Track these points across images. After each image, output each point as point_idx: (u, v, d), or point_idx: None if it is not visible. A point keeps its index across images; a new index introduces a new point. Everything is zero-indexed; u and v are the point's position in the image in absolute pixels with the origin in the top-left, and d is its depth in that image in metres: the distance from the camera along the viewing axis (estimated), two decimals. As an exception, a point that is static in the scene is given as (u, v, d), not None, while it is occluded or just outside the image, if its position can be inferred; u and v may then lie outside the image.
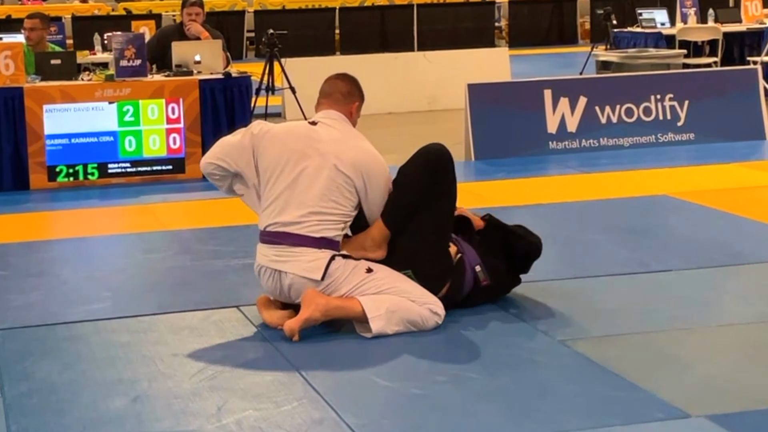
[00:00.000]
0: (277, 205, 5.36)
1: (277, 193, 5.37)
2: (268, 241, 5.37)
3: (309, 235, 5.30)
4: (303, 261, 5.28)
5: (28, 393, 4.63)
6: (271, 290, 5.42)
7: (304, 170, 5.36)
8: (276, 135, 5.49)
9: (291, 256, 5.30)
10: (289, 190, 5.35)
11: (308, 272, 5.26)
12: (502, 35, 23.71)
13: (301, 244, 5.29)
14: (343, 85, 5.68)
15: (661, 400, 4.40)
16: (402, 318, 5.24)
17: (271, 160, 5.42)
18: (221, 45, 10.07)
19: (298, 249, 5.29)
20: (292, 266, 5.29)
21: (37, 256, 7.03)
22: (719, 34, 15.16)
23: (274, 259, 5.33)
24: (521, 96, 10.30)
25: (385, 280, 5.32)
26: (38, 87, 9.20)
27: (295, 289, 5.32)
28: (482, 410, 4.36)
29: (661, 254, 6.66)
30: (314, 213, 5.31)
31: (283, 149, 5.42)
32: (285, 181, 5.37)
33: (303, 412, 4.38)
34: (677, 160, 9.87)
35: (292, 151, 5.41)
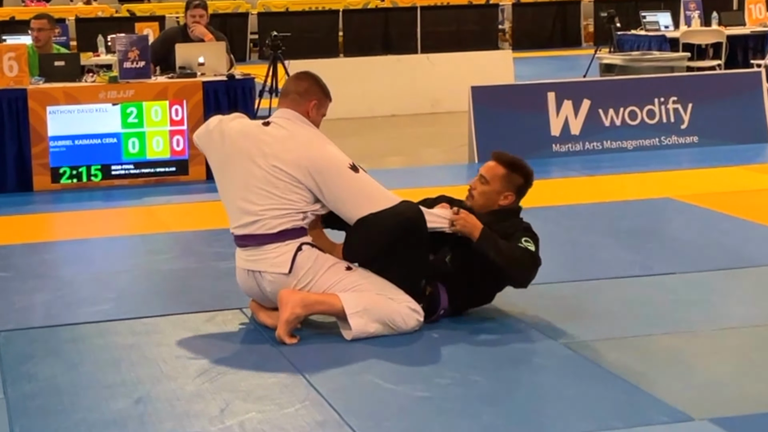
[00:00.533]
0: (232, 209, 5.43)
1: (229, 196, 5.43)
2: (239, 245, 5.44)
3: (268, 233, 5.30)
4: (270, 257, 5.30)
5: (32, 394, 4.64)
6: (253, 293, 5.45)
7: (248, 171, 5.33)
8: (228, 133, 5.50)
9: (259, 255, 5.33)
10: (239, 191, 5.36)
11: (276, 267, 5.28)
12: (505, 38, 23.71)
13: (264, 243, 5.31)
14: (300, 84, 5.54)
15: (664, 403, 4.40)
16: (381, 316, 5.20)
17: (219, 157, 5.49)
18: (225, 47, 10.07)
19: (264, 247, 5.31)
20: (263, 264, 5.32)
21: (41, 257, 7.04)
22: (723, 37, 15.16)
23: (247, 259, 5.38)
24: (525, 98, 10.30)
25: (365, 278, 5.30)
26: (42, 88, 9.20)
27: (272, 288, 5.32)
28: (485, 413, 4.36)
29: (664, 257, 6.66)
30: (266, 212, 5.29)
31: (232, 148, 5.43)
32: (233, 182, 5.40)
33: (306, 414, 4.37)
34: (681, 162, 9.86)
35: (240, 150, 5.40)
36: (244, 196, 5.34)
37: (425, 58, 14.60)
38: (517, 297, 5.81)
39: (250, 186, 5.32)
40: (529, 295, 5.83)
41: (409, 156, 10.64)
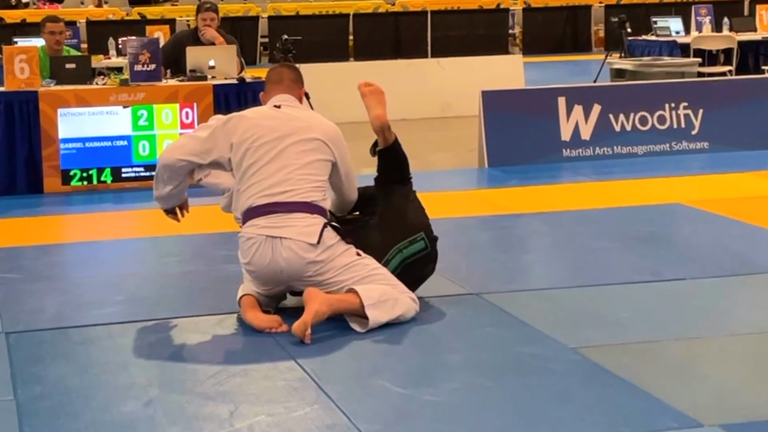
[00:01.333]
0: (263, 180, 5.48)
1: (261, 169, 5.49)
2: (261, 213, 5.45)
3: (302, 201, 5.43)
4: (300, 225, 5.39)
5: (41, 396, 4.64)
6: (262, 264, 5.42)
7: (286, 144, 5.52)
8: (249, 118, 5.65)
9: (286, 222, 5.40)
10: (274, 164, 5.49)
11: (305, 236, 5.37)
12: (516, 42, 23.70)
13: (295, 210, 5.42)
14: (290, 72, 5.93)
15: (674, 409, 4.38)
16: (392, 308, 5.39)
17: (251, 140, 5.54)
18: (236, 50, 10.08)
19: (294, 215, 5.41)
20: (289, 231, 5.38)
21: (51, 259, 7.05)
22: (734, 43, 15.14)
23: (268, 226, 5.40)
24: (535, 103, 10.29)
25: (373, 265, 5.50)
26: (53, 91, 9.22)
27: (288, 256, 5.35)
28: (495, 417, 4.36)
29: (674, 263, 6.64)
30: (301, 180, 5.47)
31: (260, 129, 5.57)
32: (268, 156, 5.50)
33: (315, 418, 4.37)
34: (691, 168, 9.84)
35: (269, 129, 5.57)
36: (283, 167, 5.47)
37: (436, 62, 14.60)
38: (527, 301, 5.82)
39: (288, 157, 5.49)
40: (540, 299, 5.83)
41: (419, 160, 10.61)
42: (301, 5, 23.95)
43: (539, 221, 7.92)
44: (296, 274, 5.41)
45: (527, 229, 7.83)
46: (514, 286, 6.18)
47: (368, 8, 23.85)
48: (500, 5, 24.25)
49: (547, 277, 6.47)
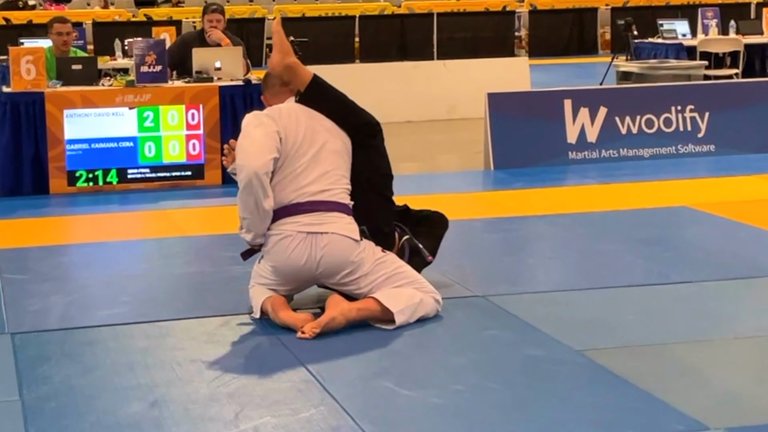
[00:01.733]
0: (303, 178, 5.51)
1: (301, 167, 5.52)
2: (301, 211, 5.47)
3: (339, 201, 5.53)
4: (342, 223, 5.48)
5: (47, 396, 4.64)
6: (298, 263, 5.43)
7: (323, 143, 5.58)
8: (290, 114, 5.65)
9: (328, 220, 5.46)
10: (313, 162, 5.53)
11: (349, 232, 5.47)
12: (522, 45, 23.69)
13: (335, 210, 5.49)
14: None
15: (679, 411, 4.38)
16: (417, 310, 5.48)
17: (295, 136, 5.57)
18: (242, 52, 10.09)
19: (334, 214, 5.49)
20: (332, 227, 5.45)
21: (57, 260, 7.05)
22: (740, 46, 15.13)
23: (309, 223, 5.45)
24: (541, 106, 10.28)
25: (397, 263, 5.59)
26: (59, 92, 9.23)
27: (329, 253, 5.41)
28: (500, 420, 4.35)
29: (680, 266, 6.64)
30: (336, 182, 5.54)
31: (300, 126, 5.60)
32: (307, 154, 5.54)
33: (320, 420, 4.37)
34: (697, 171, 9.83)
35: (307, 127, 5.60)
36: (320, 166, 5.52)
37: (441, 64, 14.60)
38: (532, 304, 5.81)
39: (325, 156, 5.55)
40: (545, 302, 5.83)
41: (424, 162, 10.64)
42: (307, 7, 23.96)
43: (545, 224, 7.91)
44: (333, 270, 5.47)
45: (533, 231, 7.82)
46: (520, 288, 6.17)
47: (374, 10, 23.86)
48: (506, 7, 24.25)
49: (553, 280, 6.46)
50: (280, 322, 5.46)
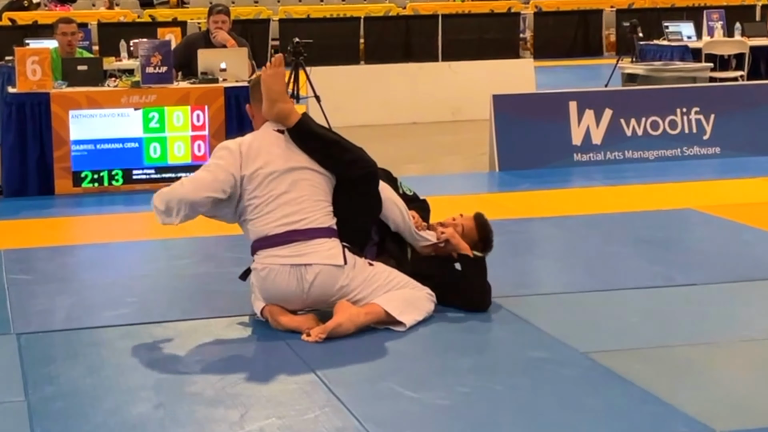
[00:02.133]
0: (278, 210, 5.43)
1: (273, 196, 5.45)
2: (279, 243, 5.41)
3: (318, 227, 5.42)
4: (323, 250, 5.39)
5: (52, 397, 4.65)
6: (288, 292, 5.41)
7: (299, 171, 5.48)
8: (258, 146, 5.55)
9: (309, 249, 5.38)
10: (288, 191, 5.45)
11: (331, 259, 5.38)
12: (527, 46, 23.68)
13: (314, 237, 5.40)
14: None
15: (685, 414, 4.38)
16: (418, 306, 5.49)
17: (265, 165, 5.48)
18: (247, 53, 10.09)
19: (314, 241, 5.39)
20: (315, 257, 5.37)
21: (62, 261, 7.06)
22: (746, 48, 15.11)
23: (292, 255, 5.38)
24: (546, 107, 10.28)
25: (387, 272, 5.55)
26: (65, 92, 9.24)
27: (318, 281, 5.35)
28: (506, 422, 4.35)
29: (685, 268, 6.63)
30: (315, 207, 5.45)
31: (269, 156, 5.51)
32: (281, 185, 5.46)
33: (326, 421, 4.37)
34: (703, 173, 9.82)
35: (278, 157, 5.51)
36: (297, 195, 5.44)
37: (446, 66, 14.59)
38: (538, 306, 5.81)
39: (300, 185, 5.46)
40: (550, 304, 5.83)
41: (429, 164, 10.64)
42: (312, 8, 23.97)
43: (550, 225, 7.91)
44: (324, 297, 5.44)
45: (538, 233, 7.82)
46: (525, 290, 6.17)
47: (379, 11, 23.86)
48: (511, 9, 24.25)
49: (558, 282, 6.45)
50: (281, 327, 5.45)
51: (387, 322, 5.41)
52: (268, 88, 5.56)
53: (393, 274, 5.57)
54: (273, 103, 5.54)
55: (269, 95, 5.55)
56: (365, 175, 5.57)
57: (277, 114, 5.55)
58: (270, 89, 5.55)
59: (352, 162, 5.55)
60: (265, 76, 5.59)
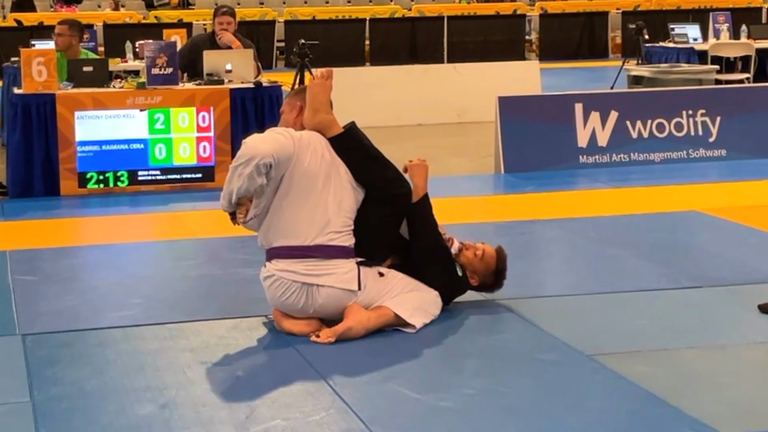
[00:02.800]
0: (302, 214, 5.38)
1: (302, 201, 5.39)
2: (296, 256, 5.36)
3: (341, 245, 5.36)
4: (339, 273, 5.34)
5: (57, 398, 4.65)
6: (291, 304, 5.38)
7: (334, 183, 5.43)
8: (316, 146, 5.49)
9: (325, 270, 5.33)
10: (320, 204, 5.39)
11: (347, 284, 5.34)
12: (532, 48, 23.69)
13: (333, 256, 5.34)
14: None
15: (690, 417, 4.37)
16: (427, 310, 5.50)
17: (309, 169, 5.42)
18: (252, 54, 10.09)
19: (332, 261, 5.34)
20: (330, 279, 5.32)
21: (67, 262, 7.06)
22: (752, 51, 15.10)
23: (306, 273, 5.33)
24: (552, 109, 10.27)
25: (397, 280, 5.52)
26: (70, 93, 9.24)
27: (328, 303, 5.33)
28: (511, 424, 4.35)
29: (691, 270, 6.62)
30: (339, 224, 5.40)
31: (321, 162, 5.45)
32: (315, 193, 5.39)
33: (331, 423, 4.37)
34: (708, 176, 9.81)
35: (328, 163, 5.46)
36: (326, 208, 5.38)
37: (452, 67, 14.59)
38: (543, 308, 5.81)
39: (333, 198, 5.40)
40: (556, 306, 5.82)
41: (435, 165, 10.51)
42: (317, 10, 23.99)
43: (556, 228, 7.90)
44: (329, 315, 5.41)
45: (543, 235, 7.81)
46: (530, 292, 6.16)
47: (385, 13, 23.87)
48: (517, 11, 24.25)
49: (564, 284, 6.45)
50: (285, 331, 5.45)
51: (397, 324, 5.41)
52: (313, 97, 5.55)
53: (404, 281, 5.54)
54: (315, 112, 5.53)
55: (313, 104, 5.54)
56: (400, 195, 5.55)
57: (318, 123, 5.52)
58: (314, 98, 5.55)
59: (389, 180, 5.55)
60: (312, 85, 5.61)
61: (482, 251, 5.83)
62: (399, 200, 5.55)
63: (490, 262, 5.84)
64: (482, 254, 5.82)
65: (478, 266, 5.80)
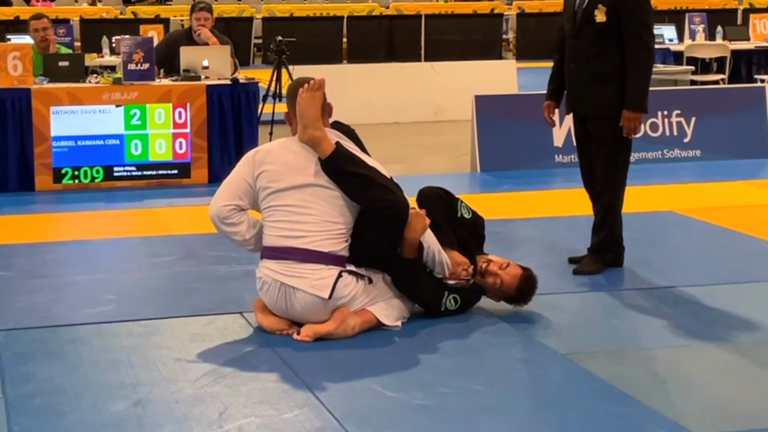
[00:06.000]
0: (282, 219, 5.37)
1: (282, 208, 5.38)
2: (275, 256, 5.37)
3: (317, 250, 5.32)
4: (311, 278, 5.29)
5: (30, 394, 4.63)
6: (274, 304, 5.40)
7: (310, 186, 5.39)
8: (277, 153, 5.49)
9: (299, 272, 5.31)
10: (296, 207, 5.37)
11: (317, 290, 5.29)
12: (509, 47, 23.72)
13: (309, 260, 5.31)
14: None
15: (664, 417, 4.39)
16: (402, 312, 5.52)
17: (275, 177, 5.41)
18: (229, 51, 10.07)
19: (307, 265, 5.31)
20: (301, 282, 5.30)
21: (41, 257, 7.03)
22: (727, 52, 15.16)
23: (282, 272, 5.33)
24: (528, 108, 10.26)
25: (383, 288, 5.48)
26: (46, 88, 9.20)
27: (302, 306, 5.32)
28: (485, 423, 4.35)
29: (665, 270, 6.65)
30: (321, 228, 5.35)
31: (286, 167, 5.43)
32: (290, 199, 5.38)
33: (305, 420, 4.37)
34: (683, 176, 9.85)
35: (294, 168, 5.42)
36: (306, 211, 5.35)
37: (429, 66, 14.59)
38: (518, 307, 5.81)
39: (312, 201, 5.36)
40: (532, 305, 5.83)
41: (411, 164, 10.63)
42: (295, 7, 23.94)
43: (531, 226, 7.92)
44: (309, 320, 5.38)
45: (519, 234, 7.82)
46: (506, 291, 6.16)
47: (362, 11, 23.85)
48: (494, 10, 24.27)
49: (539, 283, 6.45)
50: (257, 322, 5.48)
51: (380, 326, 5.42)
52: (301, 112, 5.42)
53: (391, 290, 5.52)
54: (305, 128, 5.41)
55: (302, 120, 5.42)
56: (392, 215, 5.40)
57: (308, 140, 5.40)
58: (303, 114, 5.42)
59: (381, 201, 5.39)
60: (300, 99, 5.44)
61: (501, 281, 5.73)
62: (390, 220, 5.41)
63: (511, 288, 5.75)
64: (501, 283, 5.74)
65: (498, 293, 5.79)
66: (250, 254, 5.74)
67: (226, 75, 9.75)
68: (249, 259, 6.45)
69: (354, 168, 5.40)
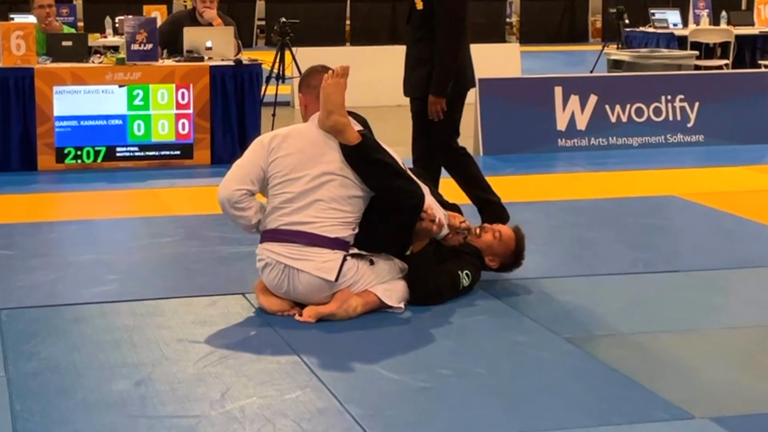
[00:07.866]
0: (292, 205, 5.37)
1: (293, 194, 5.37)
2: (280, 239, 5.36)
3: (324, 235, 5.32)
4: (318, 261, 5.30)
5: (33, 373, 4.63)
6: (277, 286, 5.40)
7: (323, 174, 5.39)
8: (292, 139, 5.48)
9: (304, 255, 5.31)
10: (308, 192, 5.37)
11: (323, 272, 5.29)
12: (513, 31, 23.69)
13: (315, 244, 5.31)
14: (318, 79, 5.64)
15: (665, 400, 4.39)
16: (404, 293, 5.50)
17: (288, 163, 5.40)
18: (233, 32, 10.05)
19: (312, 249, 5.31)
20: (306, 264, 5.30)
21: (44, 237, 7.03)
22: (731, 37, 15.15)
23: (287, 255, 5.32)
24: (531, 92, 10.29)
25: (387, 266, 5.48)
26: (49, 68, 9.19)
27: (305, 288, 5.32)
28: (486, 405, 4.36)
29: (667, 255, 6.65)
30: (331, 214, 5.35)
31: (301, 154, 5.42)
32: (302, 183, 5.37)
33: (307, 401, 4.37)
34: (686, 161, 9.86)
35: (309, 155, 5.42)
36: (316, 196, 5.34)
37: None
38: (520, 290, 5.83)
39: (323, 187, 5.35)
40: (532, 288, 5.84)
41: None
42: (298, -12, 23.89)
43: (533, 210, 7.92)
44: (311, 302, 5.38)
45: (521, 218, 7.79)
46: (507, 274, 6.16)
47: (366, -7, 23.80)
48: (498, -6, 24.23)
49: (541, 267, 6.45)
50: (259, 304, 5.49)
51: (382, 307, 5.42)
52: (326, 97, 5.40)
53: (394, 268, 5.52)
54: (329, 114, 5.39)
55: (326, 105, 5.40)
56: (411, 206, 5.41)
57: (331, 126, 5.38)
58: (328, 99, 5.40)
59: (403, 191, 5.41)
60: (326, 85, 5.42)
61: (499, 233, 5.84)
62: (407, 210, 5.42)
63: (510, 243, 5.87)
64: (500, 236, 5.82)
65: (497, 248, 5.83)
66: (252, 236, 5.74)
67: (229, 56, 9.73)
68: (251, 240, 6.44)
69: (381, 156, 5.43)
